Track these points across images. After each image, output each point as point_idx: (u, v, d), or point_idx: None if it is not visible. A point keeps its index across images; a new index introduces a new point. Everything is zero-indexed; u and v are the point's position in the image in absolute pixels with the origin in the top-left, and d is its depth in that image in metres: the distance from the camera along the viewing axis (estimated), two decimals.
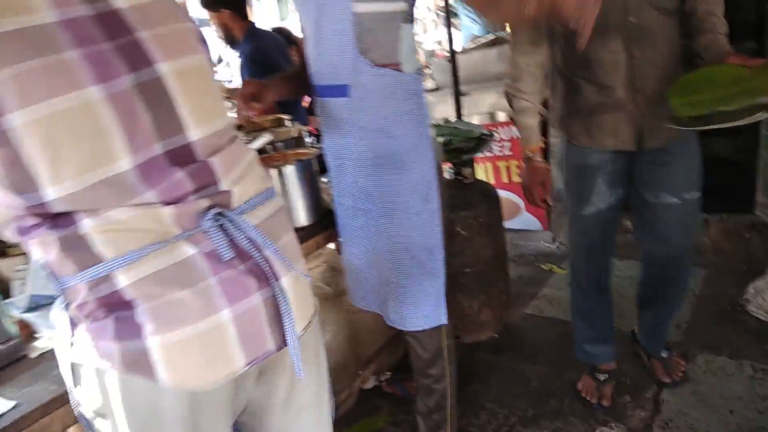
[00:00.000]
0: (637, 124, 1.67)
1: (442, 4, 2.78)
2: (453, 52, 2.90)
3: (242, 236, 0.86)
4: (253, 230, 0.87)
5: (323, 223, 1.81)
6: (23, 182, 0.74)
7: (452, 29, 3.05)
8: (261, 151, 1.81)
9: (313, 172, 1.78)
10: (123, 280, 0.79)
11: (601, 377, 2.05)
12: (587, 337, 2.06)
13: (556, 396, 2.12)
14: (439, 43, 5.21)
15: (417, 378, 1.81)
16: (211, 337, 0.83)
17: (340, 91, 1.49)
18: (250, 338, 0.86)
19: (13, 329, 1.25)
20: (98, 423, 0.88)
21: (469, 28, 4.10)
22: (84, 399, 0.88)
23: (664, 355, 2.11)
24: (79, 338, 0.83)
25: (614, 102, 1.66)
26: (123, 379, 0.82)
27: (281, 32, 3.53)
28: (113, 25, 0.79)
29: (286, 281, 0.90)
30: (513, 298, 2.64)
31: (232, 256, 0.84)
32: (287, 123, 1.98)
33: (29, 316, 1.30)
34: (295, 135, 1.92)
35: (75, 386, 0.88)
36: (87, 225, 0.77)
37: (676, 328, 2.36)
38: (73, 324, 0.83)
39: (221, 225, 0.84)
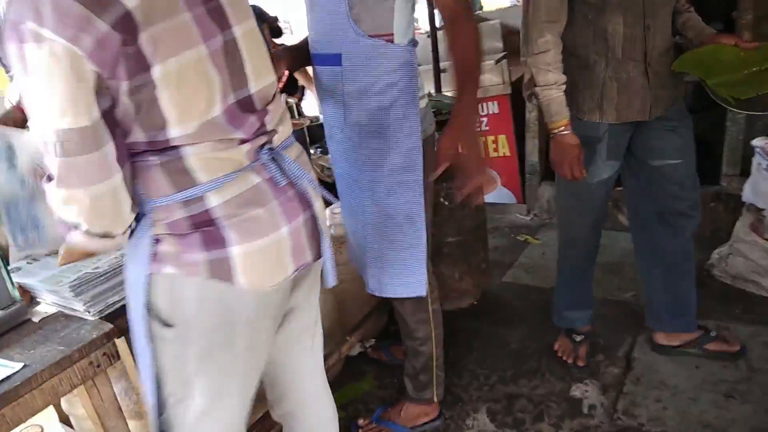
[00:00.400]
0: (648, 94, 1.73)
1: None
2: (434, 28, 2.94)
3: (287, 168, 1.04)
4: (293, 163, 1.05)
5: None
6: (155, 122, 0.89)
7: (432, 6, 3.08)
8: None
9: (305, 142, 1.82)
10: (213, 201, 0.95)
11: (577, 338, 2.15)
12: (569, 303, 2.15)
13: (533, 357, 2.23)
14: (416, 19, 5.21)
15: (404, 340, 1.89)
16: (276, 247, 1.02)
17: (334, 59, 1.52)
18: (297, 251, 1.05)
19: (16, 294, 1.27)
20: (161, 333, 1.02)
21: None
22: (155, 308, 1.00)
23: (714, 333, 2.08)
24: (163, 251, 0.97)
25: (628, 75, 1.70)
26: (202, 285, 0.98)
27: (254, 9, 3.50)
28: None
29: (318, 206, 1.10)
30: (491, 267, 2.73)
31: (285, 183, 1.03)
32: None
33: (31, 282, 1.33)
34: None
35: (148, 297, 0.99)
36: (188, 154, 0.93)
37: None
38: (157, 239, 0.97)
39: (273, 158, 1.03)
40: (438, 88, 3.13)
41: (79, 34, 0.78)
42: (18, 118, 1.48)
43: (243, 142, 0.98)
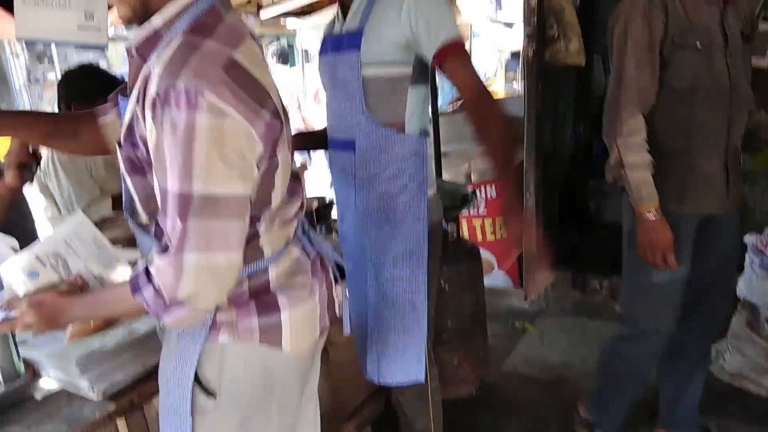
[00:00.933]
0: (725, 188, 1.72)
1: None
2: (436, 114, 3.06)
3: (314, 240, 1.17)
4: (315, 235, 1.18)
5: None
6: (264, 199, 1.01)
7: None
8: None
9: (313, 221, 1.86)
10: (272, 272, 1.06)
11: None
12: (628, 411, 2.02)
13: None
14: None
15: (402, 431, 1.85)
16: (312, 312, 1.12)
17: (348, 145, 1.59)
18: (323, 315, 1.16)
19: (21, 368, 1.26)
20: (203, 404, 1.05)
21: (449, 93, 4.32)
22: (203, 378, 1.04)
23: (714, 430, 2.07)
24: (220, 320, 1.03)
25: (709, 167, 1.68)
26: (251, 351, 1.04)
27: None
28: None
29: (332, 273, 1.23)
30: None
31: (315, 254, 1.15)
32: None
33: (36, 356, 1.31)
34: None
35: (198, 365, 1.03)
36: (263, 231, 1.03)
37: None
38: (218, 308, 1.02)
39: (303, 232, 1.16)
40: (438, 173, 3.21)
41: (254, 120, 0.92)
42: None
43: (294, 218, 1.11)
